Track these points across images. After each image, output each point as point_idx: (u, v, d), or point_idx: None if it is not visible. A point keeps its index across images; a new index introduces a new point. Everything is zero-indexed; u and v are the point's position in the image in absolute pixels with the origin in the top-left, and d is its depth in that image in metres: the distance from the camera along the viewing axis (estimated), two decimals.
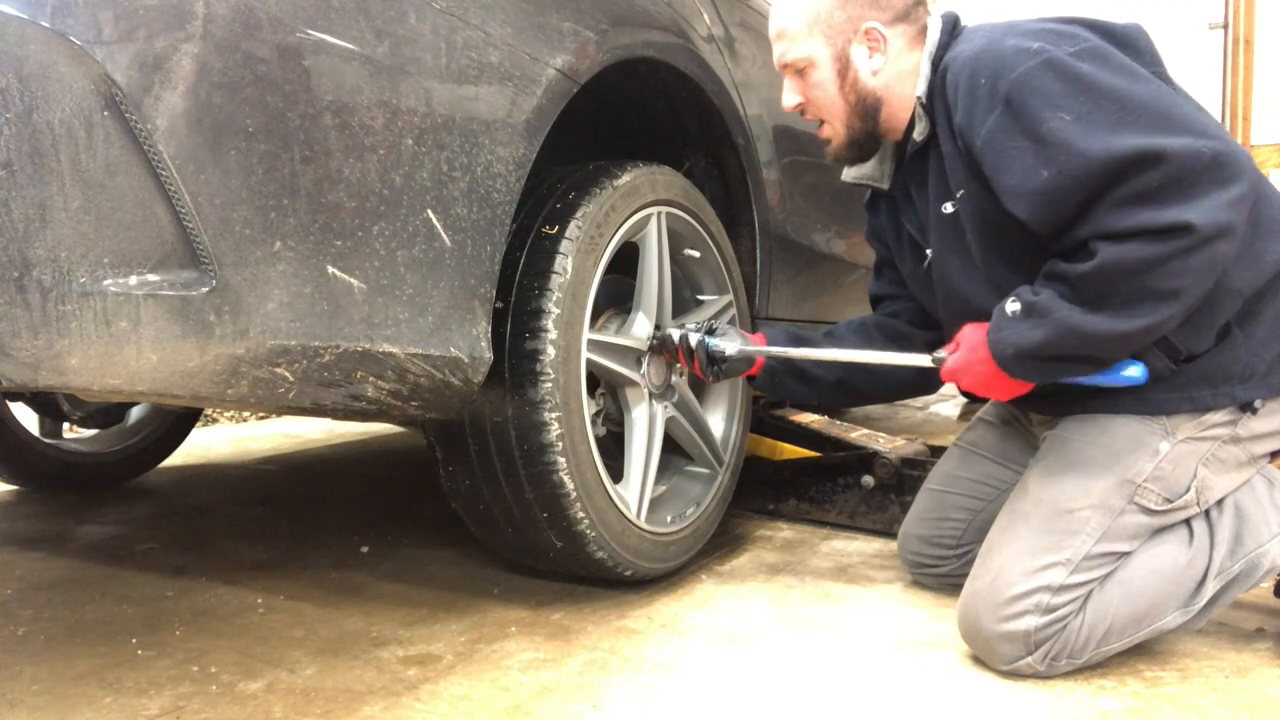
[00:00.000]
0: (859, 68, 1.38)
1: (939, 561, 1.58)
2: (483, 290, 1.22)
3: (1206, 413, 1.25)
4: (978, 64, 1.22)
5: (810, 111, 1.44)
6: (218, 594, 1.57)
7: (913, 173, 1.40)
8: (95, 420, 2.41)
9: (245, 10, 0.93)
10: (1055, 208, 1.15)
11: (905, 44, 1.37)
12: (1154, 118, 1.11)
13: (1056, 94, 1.14)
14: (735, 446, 1.82)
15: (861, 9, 1.36)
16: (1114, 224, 1.11)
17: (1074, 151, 1.11)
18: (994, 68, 1.19)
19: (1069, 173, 1.11)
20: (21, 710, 1.15)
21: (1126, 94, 1.12)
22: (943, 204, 1.34)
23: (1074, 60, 1.15)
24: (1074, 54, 1.16)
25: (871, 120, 1.40)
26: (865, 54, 1.37)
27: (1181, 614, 1.26)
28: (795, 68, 1.41)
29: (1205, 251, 1.08)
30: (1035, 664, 1.23)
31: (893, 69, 1.37)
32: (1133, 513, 1.25)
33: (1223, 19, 4.69)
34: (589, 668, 1.27)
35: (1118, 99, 1.12)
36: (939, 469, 1.64)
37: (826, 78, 1.39)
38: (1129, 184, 1.09)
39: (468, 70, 1.17)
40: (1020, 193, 1.17)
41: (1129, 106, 1.11)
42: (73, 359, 0.87)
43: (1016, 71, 1.16)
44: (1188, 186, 1.08)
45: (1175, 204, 1.08)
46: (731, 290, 1.82)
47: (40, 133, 0.83)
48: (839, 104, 1.40)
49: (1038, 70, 1.15)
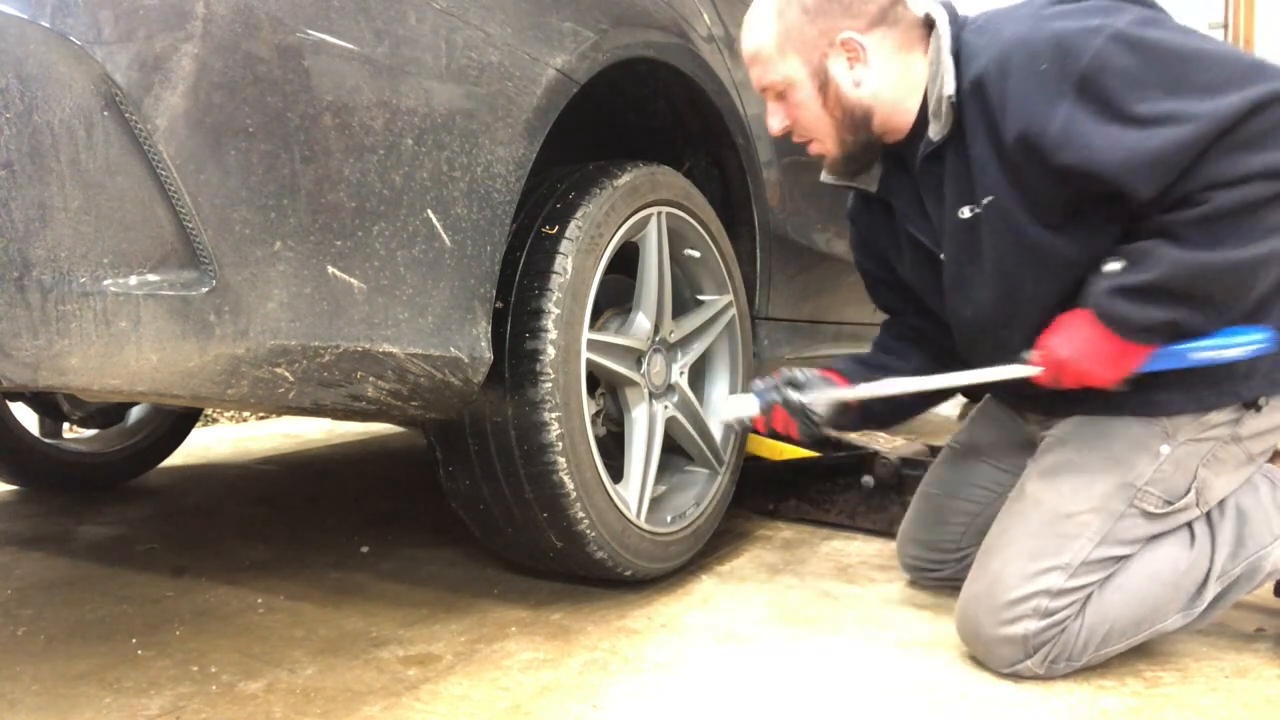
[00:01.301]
0: (840, 81, 1.29)
1: (938, 566, 1.58)
2: (483, 290, 1.22)
3: (1209, 412, 1.24)
4: (1032, 51, 1.14)
5: (799, 133, 1.37)
6: (218, 594, 1.57)
7: (925, 177, 1.32)
8: (95, 420, 2.41)
9: (245, 10, 0.93)
10: (1165, 174, 1.09)
11: (890, 48, 1.29)
12: (1235, 69, 1.08)
13: (1137, 70, 1.09)
14: (735, 446, 1.82)
15: (833, 20, 1.27)
16: (1226, 172, 1.07)
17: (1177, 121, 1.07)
18: (1055, 51, 1.12)
19: (1177, 141, 1.07)
20: (21, 710, 1.15)
21: (1201, 51, 1.09)
22: (960, 209, 1.26)
23: (1137, 28, 1.10)
24: (1135, 21, 1.11)
25: (864, 131, 1.32)
26: (845, 66, 1.29)
27: (1183, 616, 1.26)
28: (775, 90, 1.34)
29: None
30: (1034, 666, 1.23)
31: (879, 77, 1.29)
32: (1132, 516, 1.24)
33: (1223, 19, 4.69)
34: (589, 668, 1.27)
35: (1196, 59, 1.09)
36: (934, 472, 1.63)
37: (808, 96, 1.31)
38: (1237, 135, 1.06)
39: (468, 70, 1.17)
40: (1126, 168, 1.10)
41: (1209, 64, 1.08)
42: (73, 359, 0.87)
43: (1088, 52, 1.10)
44: None
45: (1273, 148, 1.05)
46: (731, 290, 1.82)
47: (40, 133, 0.83)
48: (826, 121, 1.33)
49: (1109, 47, 1.09)
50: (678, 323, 1.69)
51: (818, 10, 1.28)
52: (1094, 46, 1.10)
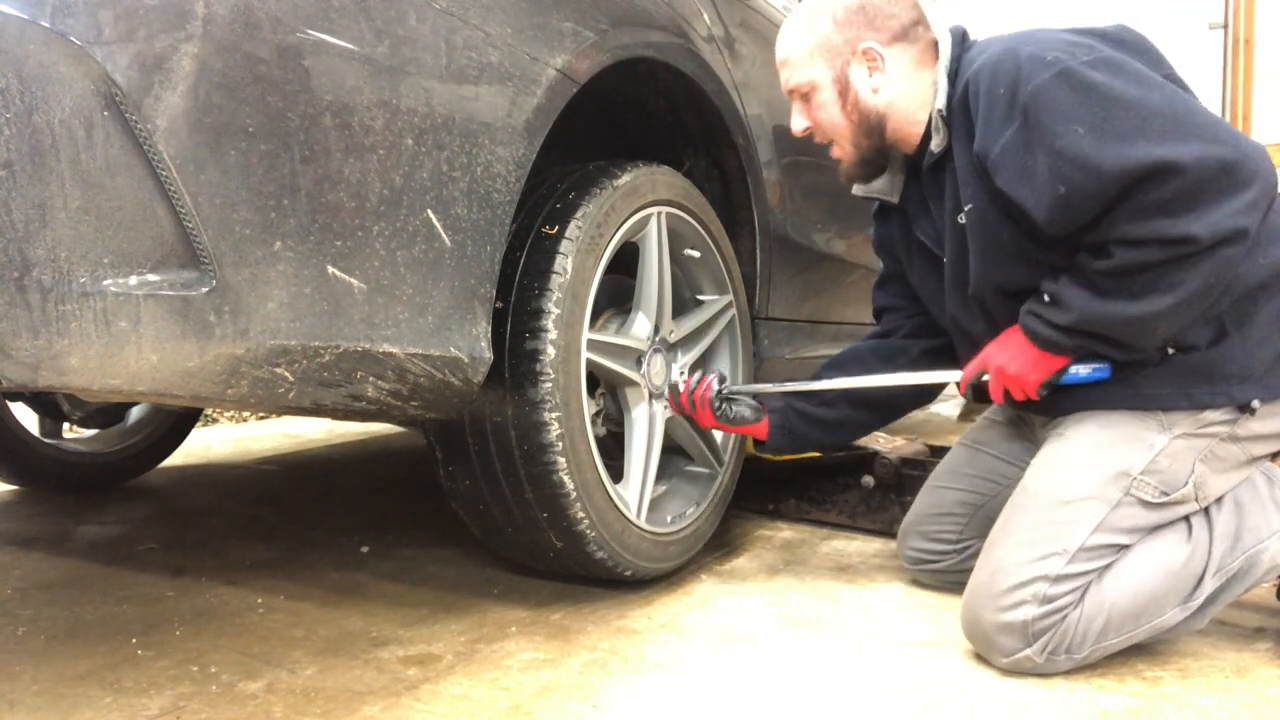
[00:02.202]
0: (859, 87, 1.40)
1: (939, 557, 1.59)
2: (483, 290, 1.22)
3: (1204, 411, 1.27)
4: (996, 74, 1.23)
5: (819, 134, 1.48)
6: (218, 594, 1.57)
7: (929, 184, 1.42)
8: (95, 420, 2.41)
9: (245, 10, 0.93)
10: (1072, 217, 1.18)
11: (908, 62, 1.40)
12: (1166, 125, 1.12)
13: (1070, 106, 1.15)
14: (735, 446, 1.82)
15: (858, 30, 1.39)
16: (1130, 232, 1.15)
17: (1089, 165, 1.13)
18: (1012, 78, 1.21)
19: (1084, 186, 1.14)
20: (21, 710, 1.15)
21: (1139, 102, 1.14)
22: (956, 215, 1.36)
23: (1087, 69, 1.16)
24: (1088, 63, 1.17)
25: (878, 137, 1.43)
26: (865, 74, 1.40)
27: (1180, 611, 1.27)
28: (800, 92, 1.45)
29: (1213, 256, 1.13)
30: (1034, 656, 1.23)
31: (895, 87, 1.39)
32: (1130, 505, 1.26)
33: (1223, 19, 4.69)
34: (589, 668, 1.27)
35: (1130, 107, 1.13)
36: (943, 465, 1.66)
37: (829, 99, 1.43)
38: (1144, 194, 1.12)
39: (468, 70, 1.17)
40: (1040, 205, 1.19)
41: (1142, 114, 1.13)
42: (73, 359, 0.87)
43: (1033, 83, 1.18)
44: (1198, 195, 1.11)
45: (1185, 214, 1.11)
46: (731, 290, 1.82)
47: (40, 133, 0.83)
48: (844, 124, 1.43)
49: (1052, 81, 1.17)
50: (678, 323, 1.69)
51: (845, 21, 1.40)
52: (1040, 79, 1.18)
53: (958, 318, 1.45)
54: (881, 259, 1.68)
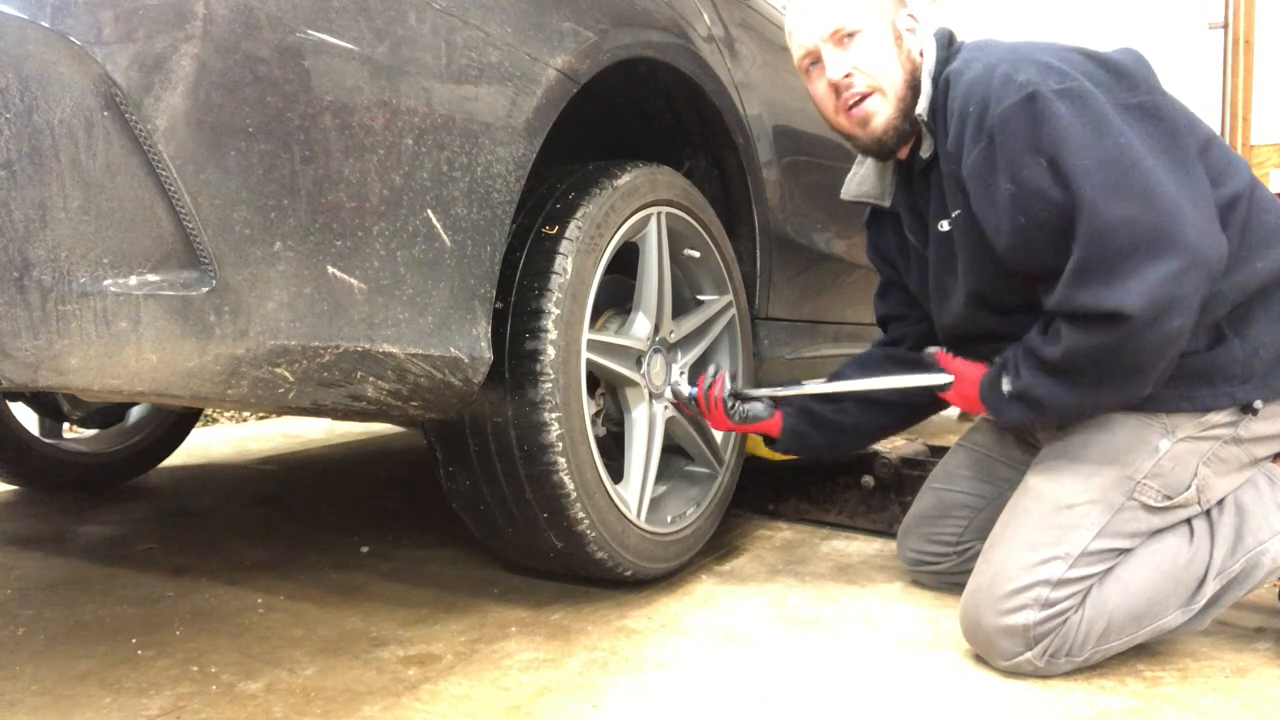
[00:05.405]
0: (909, 42, 1.38)
1: (938, 559, 1.59)
2: (483, 290, 1.22)
3: (1207, 413, 1.26)
4: (970, 91, 1.24)
5: (861, 80, 1.35)
6: (218, 594, 1.57)
7: (919, 188, 1.42)
8: (95, 420, 2.41)
9: (245, 10, 0.93)
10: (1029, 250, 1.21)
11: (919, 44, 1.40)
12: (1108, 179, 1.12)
13: (1031, 135, 1.16)
14: (735, 446, 1.82)
15: None
16: (1068, 299, 1.17)
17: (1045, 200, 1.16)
18: (983, 97, 1.21)
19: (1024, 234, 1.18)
20: (21, 710, 1.15)
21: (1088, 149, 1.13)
22: (939, 221, 1.36)
23: (1054, 99, 1.15)
24: (1057, 91, 1.16)
25: (914, 99, 1.35)
26: (910, 34, 1.38)
27: (1182, 613, 1.26)
28: (844, 32, 1.34)
29: (1154, 331, 1.13)
30: (1035, 659, 1.23)
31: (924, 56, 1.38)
32: (1132, 509, 1.26)
33: (1223, 19, 4.69)
34: (589, 668, 1.27)
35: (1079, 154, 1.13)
36: (942, 467, 1.65)
37: (886, 43, 1.35)
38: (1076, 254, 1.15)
39: (468, 70, 1.17)
40: (1001, 232, 1.22)
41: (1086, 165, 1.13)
42: (73, 359, 0.87)
43: (1002, 105, 1.18)
44: (1119, 263, 1.11)
45: (1110, 284, 1.12)
46: (731, 290, 1.82)
47: (40, 133, 0.83)
48: (897, 71, 1.35)
49: (1018, 106, 1.17)
50: (678, 323, 1.69)
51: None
52: (1007, 102, 1.18)
53: (942, 323, 1.47)
54: (877, 267, 1.66)
